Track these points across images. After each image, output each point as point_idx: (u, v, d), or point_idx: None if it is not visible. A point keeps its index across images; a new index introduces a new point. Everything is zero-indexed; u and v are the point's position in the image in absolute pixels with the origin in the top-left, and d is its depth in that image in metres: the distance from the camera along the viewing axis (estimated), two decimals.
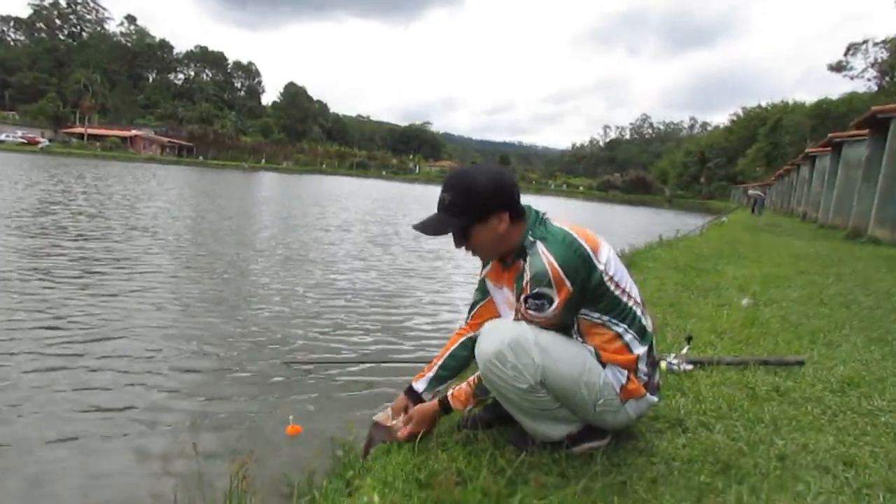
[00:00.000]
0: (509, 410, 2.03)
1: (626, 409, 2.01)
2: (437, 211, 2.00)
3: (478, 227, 1.96)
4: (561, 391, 1.92)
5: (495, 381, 1.90)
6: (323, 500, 1.91)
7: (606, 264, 1.94)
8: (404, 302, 5.94)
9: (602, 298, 1.96)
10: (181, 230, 9.73)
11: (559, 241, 1.90)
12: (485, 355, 1.89)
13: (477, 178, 1.94)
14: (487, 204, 1.94)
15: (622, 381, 1.98)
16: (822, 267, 7.83)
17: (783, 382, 2.79)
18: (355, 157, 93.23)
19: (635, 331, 2.00)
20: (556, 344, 1.92)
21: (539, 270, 1.86)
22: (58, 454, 2.53)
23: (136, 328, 4.23)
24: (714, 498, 1.80)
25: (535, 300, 1.89)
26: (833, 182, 19.78)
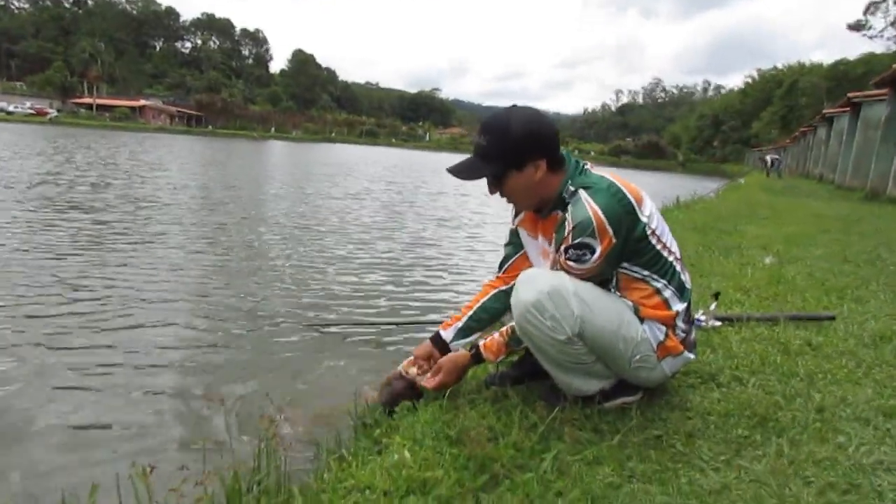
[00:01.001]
0: (542, 363, 1.98)
1: (663, 366, 1.96)
2: (473, 155, 1.94)
3: (512, 174, 1.89)
4: (598, 344, 1.86)
5: (531, 332, 1.85)
6: (353, 458, 1.88)
7: (650, 217, 1.88)
8: (421, 268, 5.89)
9: (644, 253, 1.89)
10: (193, 201, 9.65)
11: (604, 189, 1.83)
12: (522, 304, 1.83)
13: (513, 122, 1.85)
14: (523, 150, 1.86)
15: (660, 337, 1.92)
16: (844, 226, 7.70)
17: (815, 337, 2.73)
18: (364, 125, 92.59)
19: (675, 287, 1.94)
20: (595, 296, 1.86)
21: (583, 219, 1.79)
22: (84, 411, 2.53)
23: (154, 296, 4.20)
24: (753, 451, 1.76)
25: (576, 250, 1.82)
26: (851, 143, 19.38)
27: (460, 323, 2.26)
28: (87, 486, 1.69)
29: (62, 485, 1.87)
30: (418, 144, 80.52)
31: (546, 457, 1.72)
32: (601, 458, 1.72)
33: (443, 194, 15.11)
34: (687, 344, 1.99)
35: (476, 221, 9.93)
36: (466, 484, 1.61)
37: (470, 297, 2.35)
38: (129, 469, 1.96)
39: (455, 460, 1.73)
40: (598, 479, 1.61)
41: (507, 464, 1.70)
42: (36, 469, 2.10)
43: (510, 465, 1.69)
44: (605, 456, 1.73)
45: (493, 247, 7.41)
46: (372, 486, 1.63)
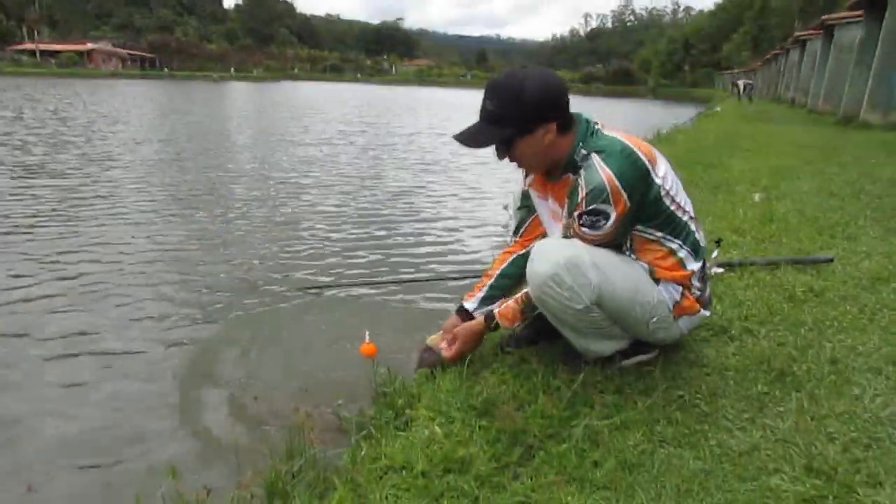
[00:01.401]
0: (559, 328, 1.98)
1: (679, 325, 1.98)
2: (479, 120, 1.87)
3: (522, 139, 1.84)
4: (616, 310, 1.87)
5: (549, 303, 1.84)
6: (379, 434, 1.88)
7: (664, 178, 1.85)
8: (407, 220, 5.80)
9: (658, 214, 1.88)
10: (159, 157, 9.16)
11: (616, 152, 1.79)
12: (539, 277, 1.81)
13: (522, 85, 1.79)
14: (533, 114, 1.81)
15: (676, 297, 1.94)
16: (824, 155, 7.77)
17: (816, 282, 2.78)
18: (327, 61, 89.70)
19: (689, 246, 1.93)
20: (610, 262, 1.85)
21: (596, 185, 1.76)
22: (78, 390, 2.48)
23: (134, 269, 4.02)
24: (774, 407, 1.80)
25: (590, 217, 1.80)
26: (824, 66, 19.35)
27: (482, 293, 2.25)
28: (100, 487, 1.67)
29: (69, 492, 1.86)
30: (384, 78, 78.60)
31: (576, 424, 1.74)
32: (629, 423, 1.75)
33: (418, 134, 14.87)
34: (703, 301, 2.00)
35: (459, 164, 9.78)
36: (502, 459, 1.63)
37: (464, 250, 2.32)
38: (148, 469, 1.97)
39: (486, 433, 1.74)
40: (630, 446, 1.64)
41: (539, 434, 1.72)
42: (41, 471, 2.05)
43: (541, 436, 1.72)
44: (633, 420, 1.76)
45: (478, 194, 7.34)
46: (408, 467, 1.64)
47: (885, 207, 4.55)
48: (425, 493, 1.52)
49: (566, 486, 1.50)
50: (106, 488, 1.90)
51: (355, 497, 1.55)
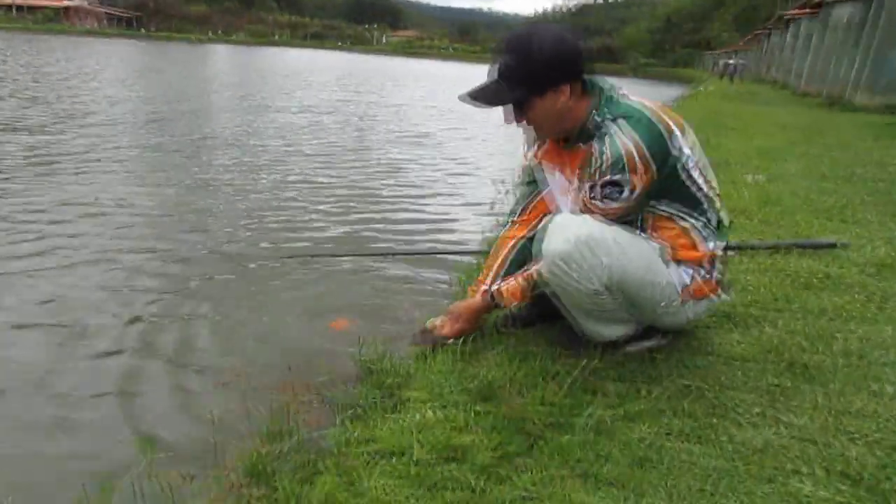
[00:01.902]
0: (565, 309, 1.87)
1: (685, 310, 1.86)
2: (491, 79, 1.74)
3: (537, 101, 1.72)
4: (627, 293, 1.75)
5: (560, 283, 1.72)
6: (368, 415, 1.76)
7: (691, 149, 1.74)
8: (393, 192, 5.59)
9: (676, 189, 1.76)
10: (134, 116, 8.81)
11: (637, 120, 1.67)
12: (551, 255, 1.69)
13: (538, 42, 1.66)
14: (549, 74, 1.68)
15: (685, 280, 1.82)
16: (808, 136, 7.74)
17: (820, 267, 2.69)
18: (309, 28, 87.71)
19: (708, 225, 1.82)
20: (625, 241, 1.73)
21: (615, 154, 1.64)
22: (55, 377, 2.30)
23: (104, 226, 3.82)
24: (787, 401, 1.71)
25: (605, 188, 1.69)
26: (808, 47, 19.35)
27: (491, 287, 2.05)
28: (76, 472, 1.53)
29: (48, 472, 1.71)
30: (368, 48, 76.92)
31: (580, 414, 1.63)
32: (635, 414, 1.65)
33: (405, 106, 14.58)
34: (721, 284, 1.89)
35: (449, 137, 9.55)
36: (503, 448, 1.52)
37: (453, 227, 2.17)
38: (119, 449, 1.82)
39: (485, 420, 1.63)
40: (637, 439, 1.54)
41: (541, 423, 1.61)
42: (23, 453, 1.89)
43: (543, 424, 1.60)
44: (639, 411, 1.66)
45: (467, 168, 7.13)
46: (401, 453, 1.52)
47: (880, 191, 4.51)
48: (421, 483, 1.40)
49: (572, 481, 1.39)
50: (69, 471, 1.75)
51: (344, 483, 1.42)
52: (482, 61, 54.63)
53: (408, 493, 1.37)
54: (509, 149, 8.09)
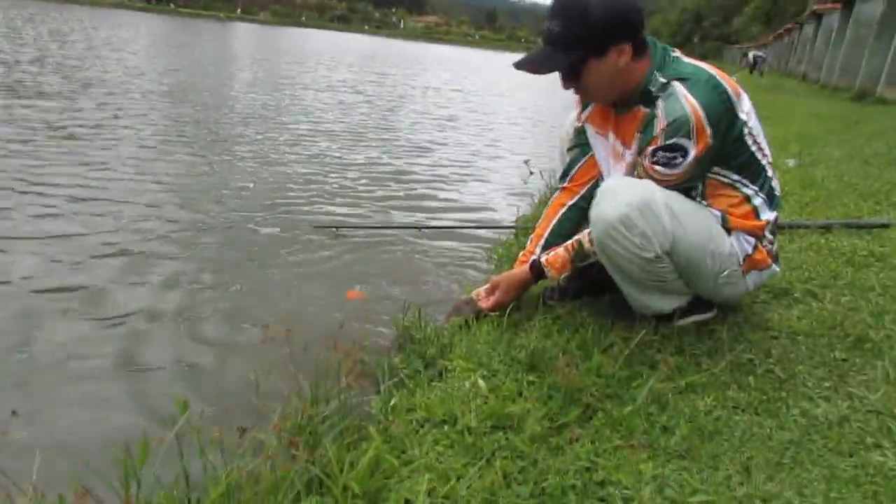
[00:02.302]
0: (619, 281, 1.78)
1: (747, 280, 1.78)
2: (543, 43, 1.63)
3: (593, 63, 1.61)
4: (686, 261, 1.66)
5: (615, 250, 1.62)
6: (411, 383, 1.69)
7: (748, 115, 1.64)
8: (425, 171, 5.49)
9: (738, 155, 1.67)
10: (161, 87, 8.82)
11: (702, 81, 1.57)
12: (606, 221, 1.59)
13: (591, 1, 1.55)
14: (605, 33, 1.58)
15: (748, 250, 1.73)
16: (846, 126, 7.53)
17: (874, 247, 2.58)
18: (335, 10, 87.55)
19: (765, 194, 1.73)
20: (685, 208, 1.64)
21: (679, 116, 1.54)
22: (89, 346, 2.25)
23: (146, 197, 3.79)
24: (857, 376, 1.61)
25: (666, 153, 1.58)
26: (840, 41, 18.88)
27: (535, 257, 1.98)
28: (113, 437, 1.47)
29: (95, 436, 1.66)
30: (392, 32, 76.59)
31: (638, 385, 1.55)
32: (696, 387, 1.56)
33: (431, 89, 14.46)
34: (773, 255, 1.80)
35: (476, 120, 9.41)
36: (557, 419, 1.44)
37: (491, 203, 2.09)
38: (156, 405, 1.77)
39: (537, 390, 1.55)
40: (702, 412, 1.45)
41: (597, 394, 1.53)
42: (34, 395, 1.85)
43: (599, 396, 1.52)
44: (700, 384, 1.57)
45: (502, 151, 7.01)
46: (449, 421, 1.45)
47: None
48: (473, 451, 1.33)
49: (637, 452, 1.31)
50: (111, 427, 1.70)
51: (392, 449, 1.35)
52: (506, 49, 54.28)
53: (462, 461, 1.30)
54: (538, 132, 7.96)
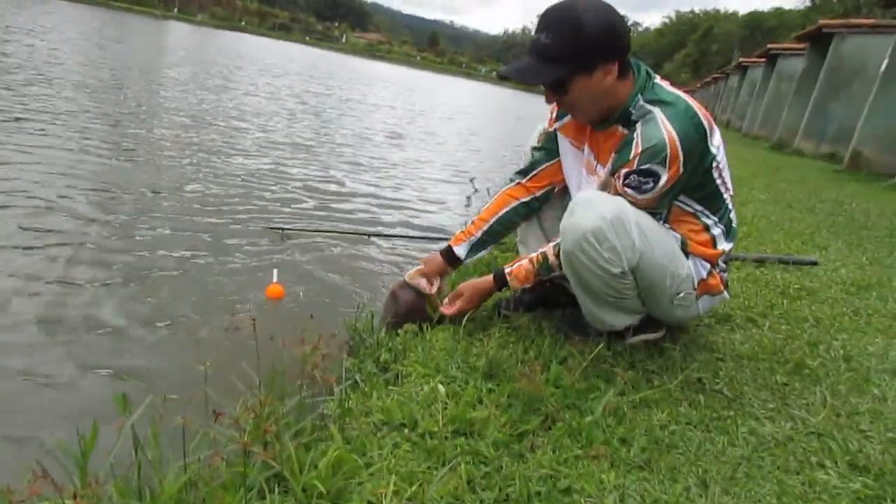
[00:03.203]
0: (579, 295, 1.79)
1: (699, 304, 1.82)
2: (530, 54, 1.63)
3: (580, 80, 1.61)
4: (648, 280, 1.69)
5: (582, 261, 1.63)
6: (368, 387, 1.64)
7: (718, 148, 1.68)
8: (380, 175, 5.47)
9: (704, 186, 1.71)
10: (85, 80, 8.41)
11: (681, 111, 1.59)
12: (579, 231, 1.59)
13: (585, 16, 1.54)
14: (596, 51, 1.57)
15: (703, 274, 1.78)
16: (769, 171, 8.02)
17: (804, 282, 2.74)
18: (277, 18, 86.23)
19: (724, 225, 1.79)
20: (652, 227, 1.67)
21: (656, 143, 1.56)
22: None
23: (75, 204, 3.51)
24: (798, 399, 1.69)
25: (639, 177, 1.60)
26: (763, 93, 20.22)
27: (474, 237, 2.04)
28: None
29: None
30: (333, 46, 76.03)
31: (595, 398, 1.56)
32: (650, 402, 1.59)
33: (377, 107, 14.42)
34: (724, 282, 1.87)
35: (426, 139, 9.43)
36: (518, 426, 1.43)
37: (438, 216, 2.10)
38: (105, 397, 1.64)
39: (496, 397, 1.54)
40: (657, 426, 1.48)
41: (556, 404, 1.53)
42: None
43: (558, 405, 1.53)
44: (653, 400, 1.60)
45: (448, 168, 7.06)
46: (409, 424, 1.42)
47: (839, 224, 4.66)
48: (435, 455, 1.30)
49: (598, 462, 1.31)
50: (56, 416, 1.57)
51: (353, 451, 1.30)
52: (447, 72, 54.86)
53: (424, 465, 1.27)
54: (485, 153, 8.04)
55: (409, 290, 2.06)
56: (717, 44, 64.97)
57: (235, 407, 1.29)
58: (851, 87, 13.03)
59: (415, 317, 2.02)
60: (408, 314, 2.02)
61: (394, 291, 2.10)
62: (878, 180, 8.39)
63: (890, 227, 4.74)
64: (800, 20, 42.17)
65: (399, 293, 2.07)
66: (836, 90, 13.52)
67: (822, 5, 40.89)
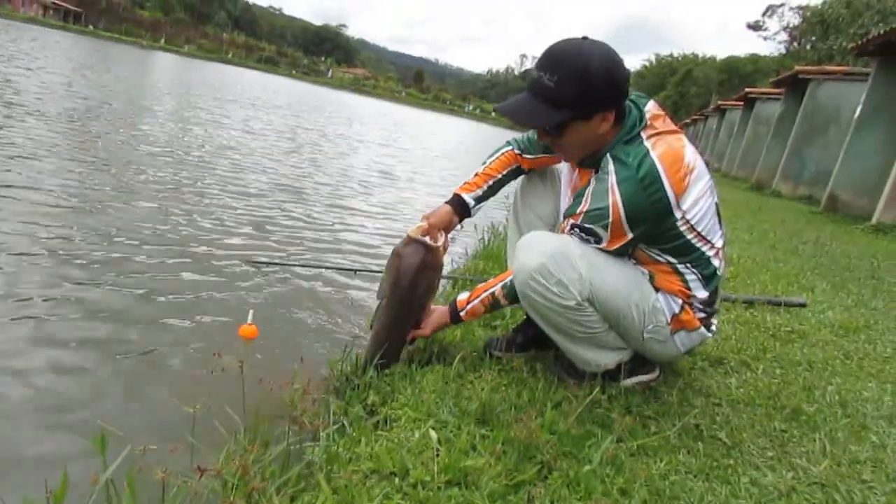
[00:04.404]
0: (550, 334, 1.77)
1: (676, 340, 1.76)
2: (530, 92, 1.60)
3: (577, 125, 1.59)
4: (609, 309, 1.67)
5: (537, 301, 1.65)
6: (356, 432, 1.57)
7: (694, 203, 1.60)
8: (357, 211, 5.45)
9: (670, 241, 1.65)
10: (68, 110, 8.35)
11: (636, 180, 1.53)
12: (525, 271, 1.63)
13: (591, 61, 1.51)
14: (597, 97, 1.55)
15: (675, 309, 1.73)
16: (751, 212, 8.12)
17: (794, 324, 2.73)
18: (264, 52, 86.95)
19: (701, 273, 1.72)
20: (602, 258, 1.66)
21: (600, 208, 1.56)
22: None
23: (53, 234, 3.38)
24: (797, 447, 1.65)
25: (582, 233, 1.64)
26: (741, 136, 20.65)
27: (481, 190, 2.06)
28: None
29: None
30: (318, 80, 76.69)
31: (592, 444, 1.51)
32: (649, 450, 1.55)
33: (363, 143, 14.47)
34: (703, 322, 1.81)
35: (416, 177, 9.40)
36: (514, 476, 1.37)
37: None
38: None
39: (490, 444, 1.48)
40: (657, 475, 1.43)
41: (551, 451, 1.47)
42: None
43: (554, 453, 1.47)
44: (652, 447, 1.55)
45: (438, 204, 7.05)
46: (400, 473, 1.35)
47: (822, 265, 4.70)
48: None
49: None
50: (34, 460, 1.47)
51: (339, 503, 1.24)
52: (432, 108, 55.30)
53: None
54: None
55: (415, 245, 1.88)
56: (695, 86, 66.59)
57: (219, 456, 1.22)
58: (827, 132, 13.36)
59: (423, 279, 1.89)
60: (416, 275, 1.86)
61: (396, 251, 1.91)
62: (855, 223, 8.53)
63: (870, 269, 4.79)
64: (774, 66, 43.45)
65: (404, 252, 1.88)
66: (812, 134, 13.86)
67: (795, 53, 42.28)
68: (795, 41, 44.99)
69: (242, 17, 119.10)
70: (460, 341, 2.19)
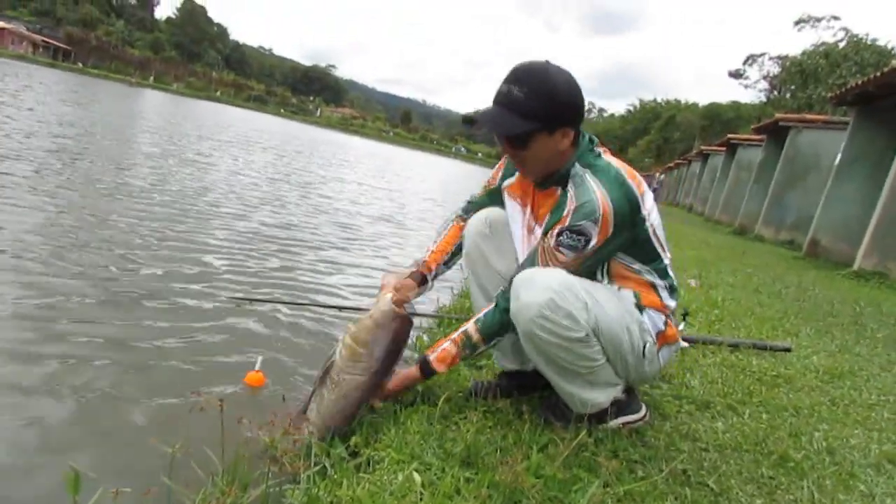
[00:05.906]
0: (545, 372, 1.77)
1: (660, 356, 1.83)
2: (498, 104, 1.65)
3: (541, 138, 1.65)
4: (609, 338, 1.70)
5: (544, 338, 1.63)
6: (338, 475, 1.53)
7: (650, 211, 1.72)
8: (345, 250, 5.43)
9: (643, 246, 1.75)
10: (52, 147, 8.37)
11: (611, 178, 1.66)
12: (533, 308, 1.60)
13: (557, 79, 1.62)
14: (562, 114, 1.64)
15: (660, 325, 1.81)
16: (734, 255, 8.21)
17: (779, 369, 2.73)
18: (253, 91, 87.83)
19: (667, 284, 1.83)
20: (596, 288, 1.72)
21: (589, 202, 1.61)
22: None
23: (31, 270, 3.44)
24: (785, 495, 1.63)
25: (572, 235, 1.63)
26: (724, 180, 21.02)
27: (437, 267, 2.09)
28: None
29: None
30: (307, 118, 77.41)
31: (578, 489, 1.48)
32: (635, 496, 1.52)
33: (347, 183, 14.53)
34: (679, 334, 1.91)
35: (402, 220, 9.49)
36: None
37: None
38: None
39: (475, 488, 1.45)
40: None
41: (538, 496, 1.44)
42: None
43: (541, 498, 1.44)
44: (638, 493, 1.53)
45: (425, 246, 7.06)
46: None
47: (805, 310, 4.73)
48: None
49: None
50: None
51: None
52: (420, 148, 56.00)
53: None
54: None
55: (402, 318, 1.88)
56: (678, 131, 68.07)
57: (195, 498, 1.17)
58: (807, 179, 13.65)
59: (395, 348, 1.89)
60: (399, 344, 1.89)
61: (383, 324, 1.86)
62: (837, 268, 8.64)
63: (853, 315, 4.83)
64: (756, 113, 44.65)
65: (392, 325, 1.86)
66: (793, 180, 14.13)
67: (776, 101, 43.50)
68: (776, 89, 46.34)
69: (232, 56, 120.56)
70: (445, 382, 2.17)
